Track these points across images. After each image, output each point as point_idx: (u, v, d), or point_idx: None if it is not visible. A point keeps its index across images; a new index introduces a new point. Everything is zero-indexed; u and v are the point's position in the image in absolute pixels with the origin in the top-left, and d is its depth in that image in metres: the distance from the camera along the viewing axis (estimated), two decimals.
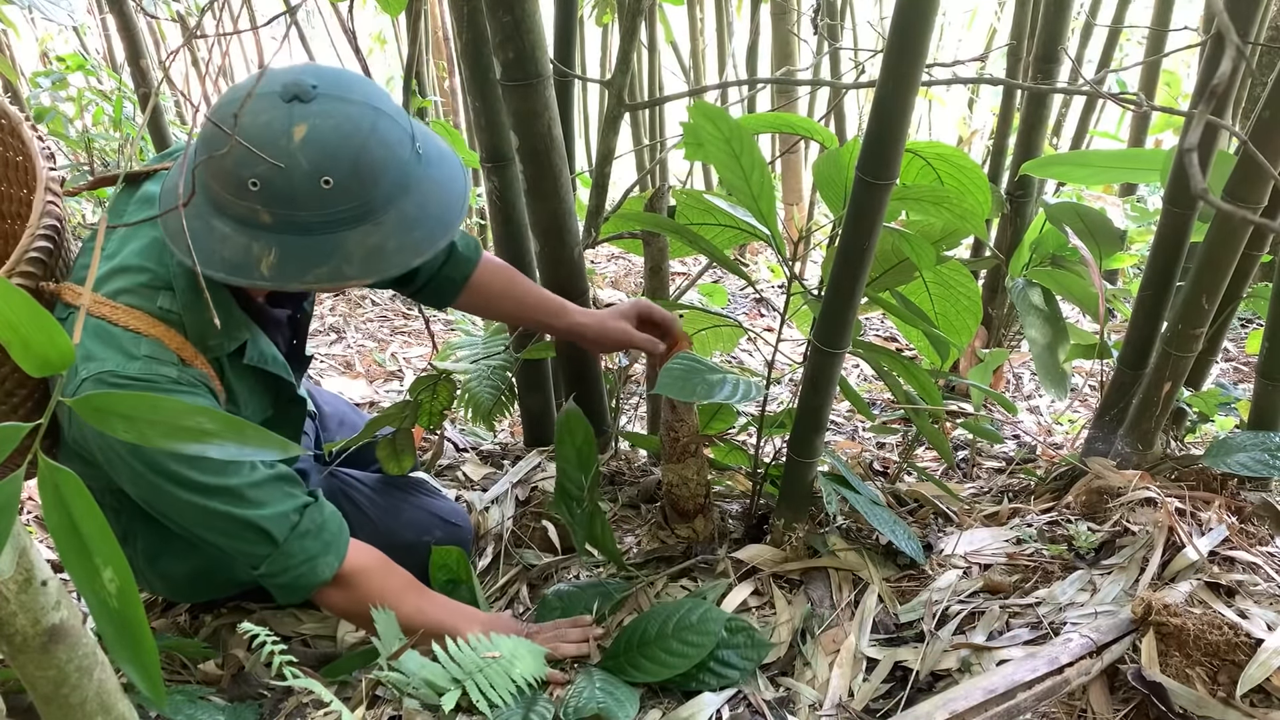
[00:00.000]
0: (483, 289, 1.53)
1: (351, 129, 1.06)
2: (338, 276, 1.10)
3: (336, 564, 1.22)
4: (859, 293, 1.27)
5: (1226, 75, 0.53)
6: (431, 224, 1.15)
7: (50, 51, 4.59)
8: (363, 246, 1.10)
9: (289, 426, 1.42)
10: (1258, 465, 1.35)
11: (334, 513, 1.26)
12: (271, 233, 1.08)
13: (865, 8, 4.59)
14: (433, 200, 1.15)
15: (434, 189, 1.15)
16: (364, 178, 1.07)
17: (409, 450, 1.67)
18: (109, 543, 0.68)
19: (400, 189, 1.11)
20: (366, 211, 1.09)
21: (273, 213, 1.07)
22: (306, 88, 1.05)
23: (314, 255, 1.09)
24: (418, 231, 1.13)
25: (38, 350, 0.63)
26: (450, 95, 4.28)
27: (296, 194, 1.05)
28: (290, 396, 1.38)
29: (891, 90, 1.09)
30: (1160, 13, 2.55)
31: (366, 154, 1.07)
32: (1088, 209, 1.89)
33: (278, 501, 1.19)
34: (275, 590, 1.23)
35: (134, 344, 1.13)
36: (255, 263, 1.08)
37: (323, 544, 1.21)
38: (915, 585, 1.37)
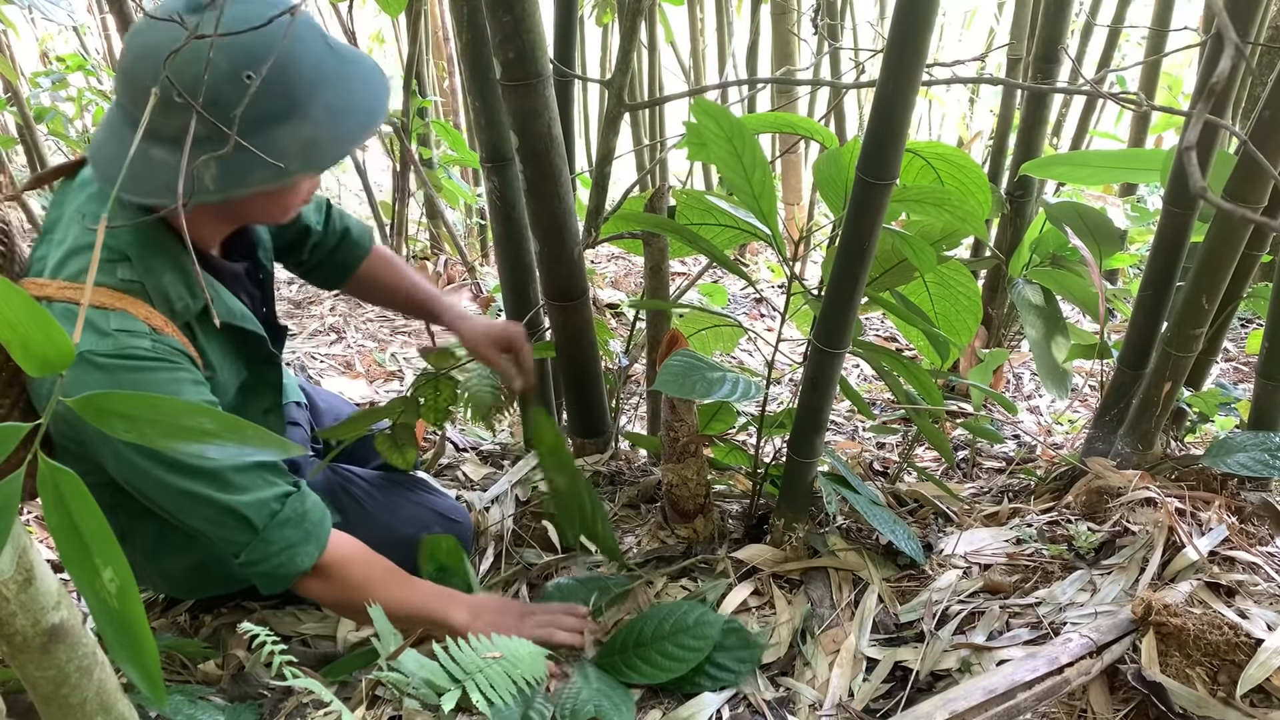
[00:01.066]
0: (371, 278, 1.64)
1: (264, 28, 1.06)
2: (280, 175, 1.11)
3: (316, 553, 1.22)
4: (859, 293, 1.27)
5: (1225, 73, 0.53)
6: (359, 114, 1.16)
7: (50, 51, 4.60)
8: (296, 140, 1.11)
9: (266, 388, 1.42)
10: (1258, 465, 1.35)
11: (316, 503, 1.25)
12: (206, 144, 1.08)
13: (865, 8, 4.59)
14: (356, 91, 1.16)
15: (355, 82, 1.17)
16: (284, 69, 1.08)
17: (410, 444, 1.67)
18: (109, 543, 0.68)
19: (321, 80, 1.12)
20: (293, 104, 1.10)
21: (203, 122, 1.06)
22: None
23: (251, 158, 1.07)
24: (347, 121, 1.15)
25: (37, 350, 0.63)
26: (450, 95, 4.28)
27: (221, 97, 1.06)
28: (264, 357, 1.38)
29: (892, 90, 1.09)
30: (1160, 13, 2.55)
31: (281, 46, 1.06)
32: (1088, 209, 1.89)
33: (259, 488, 1.18)
34: (256, 579, 1.22)
35: (103, 319, 1.12)
36: (197, 179, 1.09)
37: (303, 533, 1.21)
38: (915, 585, 1.37)
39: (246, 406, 1.40)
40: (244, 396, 1.39)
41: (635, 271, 4.12)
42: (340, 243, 1.58)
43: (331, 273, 1.60)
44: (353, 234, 1.59)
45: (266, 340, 1.37)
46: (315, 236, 1.56)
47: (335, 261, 1.59)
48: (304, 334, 3.34)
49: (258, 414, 1.43)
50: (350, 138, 1.16)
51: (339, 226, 1.58)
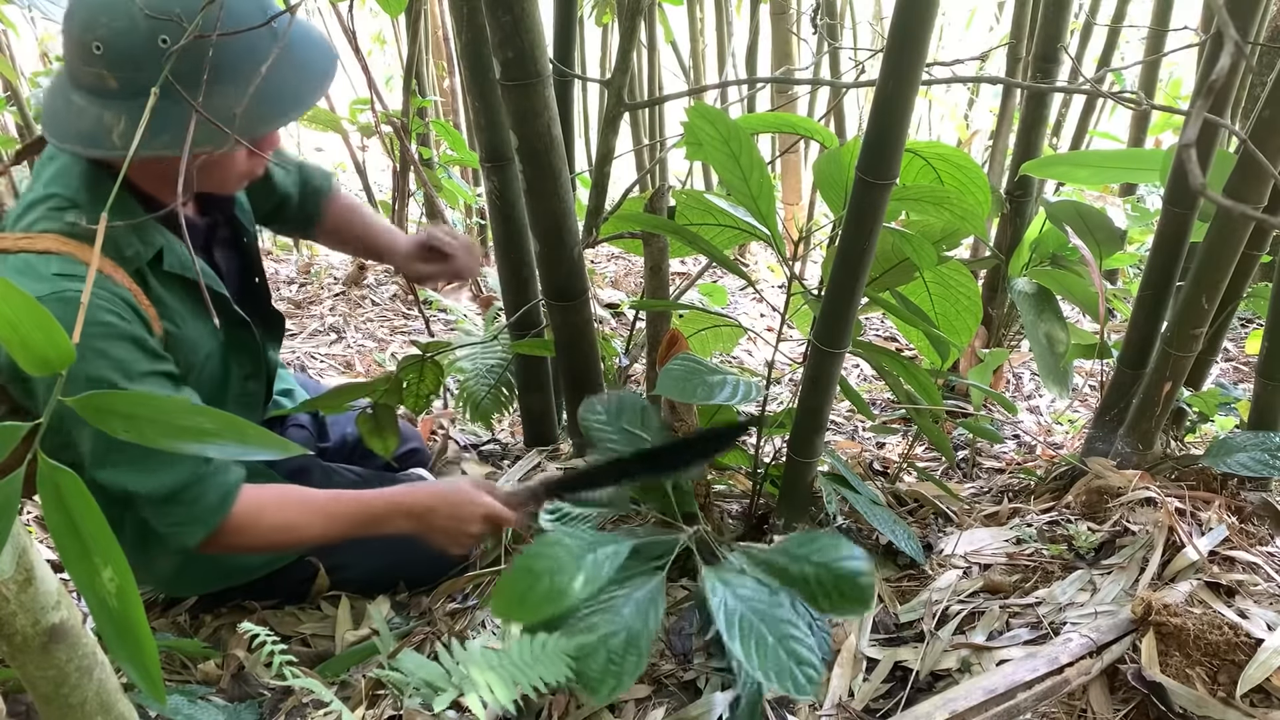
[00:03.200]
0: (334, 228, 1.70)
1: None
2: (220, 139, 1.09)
3: (202, 533, 1.22)
4: (859, 293, 1.27)
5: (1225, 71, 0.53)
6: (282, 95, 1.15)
7: (50, 52, 4.59)
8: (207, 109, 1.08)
9: (243, 352, 1.42)
10: (1258, 465, 1.35)
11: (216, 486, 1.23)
12: (119, 99, 1.08)
13: (865, 8, 4.59)
14: (288, 73, 1.14)
15: (288, 65, 1.14)
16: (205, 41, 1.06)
17: (392, 429, 1.67)
18: (109, 542, 0.68)
19: (247, 58, 1.11)
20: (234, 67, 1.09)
21: (118, 77, 1.07)
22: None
23: (160, 120, 1.05)
24: (265, 106, 1.13)
25: (37, 350, 0.63)
26: (450, 95, 4.28)
27: (137, 56, 1.06)
28: (234, 318, 1.37)
29: (892, 89, 1.09)
30: (1160, 13, 2.55)
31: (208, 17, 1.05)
32: (1088, 208, 1.89)
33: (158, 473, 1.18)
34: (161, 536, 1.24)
35: (44, 264, 1.13)
36: (107, 132, 1.09)
37: (191, 514, 1.21)
38: (915, 585, 1.37)
39: (228, 371, 1.40)
40: (223, 359, 1.38)
41: (635, 271, 4.12)
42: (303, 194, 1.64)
43: (299, 226, 1.69)
44: (313, 182, 1.65)
45: (228, 298, 1.35)
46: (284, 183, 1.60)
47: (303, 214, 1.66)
48: (304, 334, 3.34)
49: (240, 380, 1.43)
50: (267, 118, 1.14)
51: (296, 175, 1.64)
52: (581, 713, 1.18)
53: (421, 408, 1.80)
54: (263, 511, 1.27)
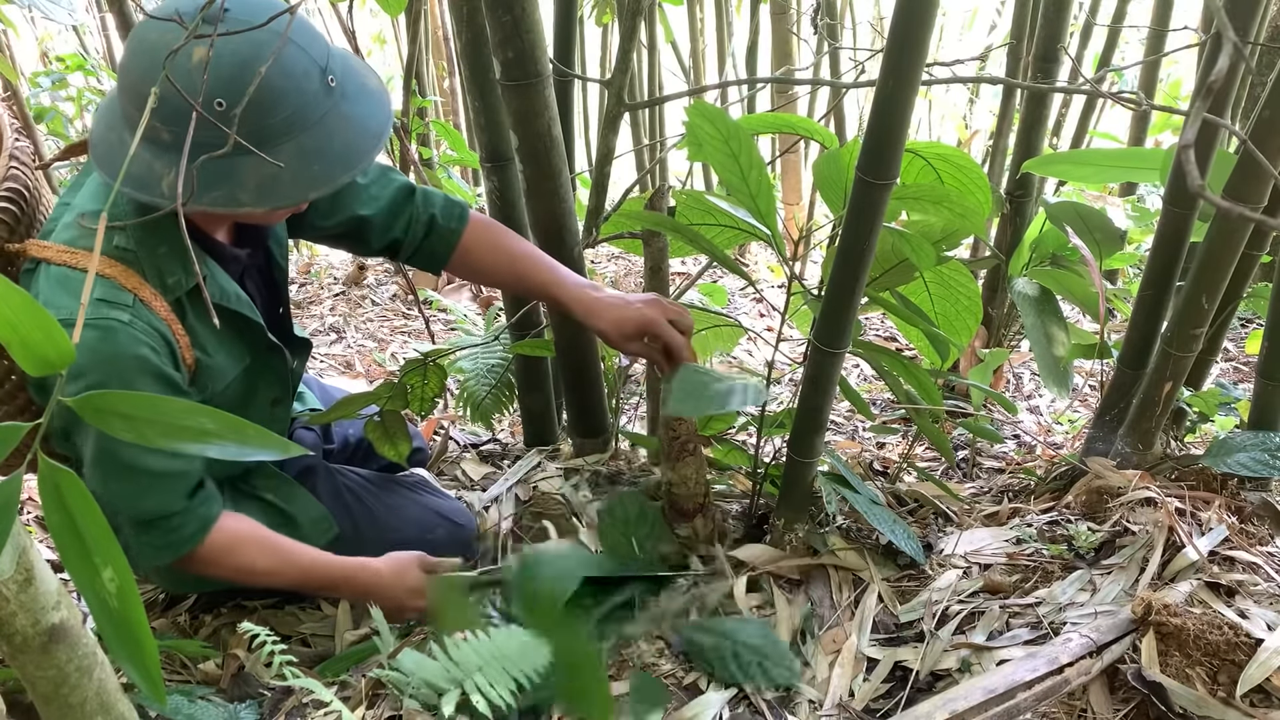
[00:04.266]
0: (467, 263, 1.52)
1: (252, 55, 1.06)
2: (232, 201, 1.11)
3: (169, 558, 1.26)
4: (859, 293, 1.27)
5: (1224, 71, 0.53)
6: (332, 160, 1.14)
7: (50, 51, 4.59)
8: (256, 174, 1.11)
9: (271, 375, 1.42)
10: (1258, 465, 1.35)
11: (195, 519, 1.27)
12: (171, 151, 1.10)
13: (865, 8, 4.59)
14: (339, 135, 1.14)
15: (342, 124, 1.15)
16: (259, 105, 1.07)
17: (402, 434, 1.67)
18: (109, 542, 0.68)
19: (300, 121, 1.11)
20: (261, 140, 1.09)
21: (171, 131, 1.08)
22: (216, 10, 1.05)
23: (209, 178, 1.09)
24: (317, 165, 1.13)
25: (37, 350, 0.63)
26: (450, 95, 4.28)
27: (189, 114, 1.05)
28: (267, 344, 1.38)
29: (892, 90, 1.09)
30: (1160, 13, 2.55)
31: (264, 83, 1.06)
32: (1088, 208, 1.89)
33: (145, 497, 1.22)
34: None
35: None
36: (156, 180, 1.10)
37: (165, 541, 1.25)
38: (915, 585, 1.37)
39: (255, 394, 1.41)
40: (249, 383, 1.38)
41: (635, 271, 4.12)
42: (428, 233, 1.48)
43: (426, 261, 1.52)
44: (439, 221, 1.48)
45: (264, 327, 1.36)
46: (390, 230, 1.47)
47: (426, 251, 1.50)
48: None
49: (264, 405, 1.44)
50: (316, 183, 1.14)
51: (423, 216, 1.48)
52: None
53: (427, 410, 1.80)
54: (232, 551, 1.31)
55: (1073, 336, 1.98)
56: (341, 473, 1.60)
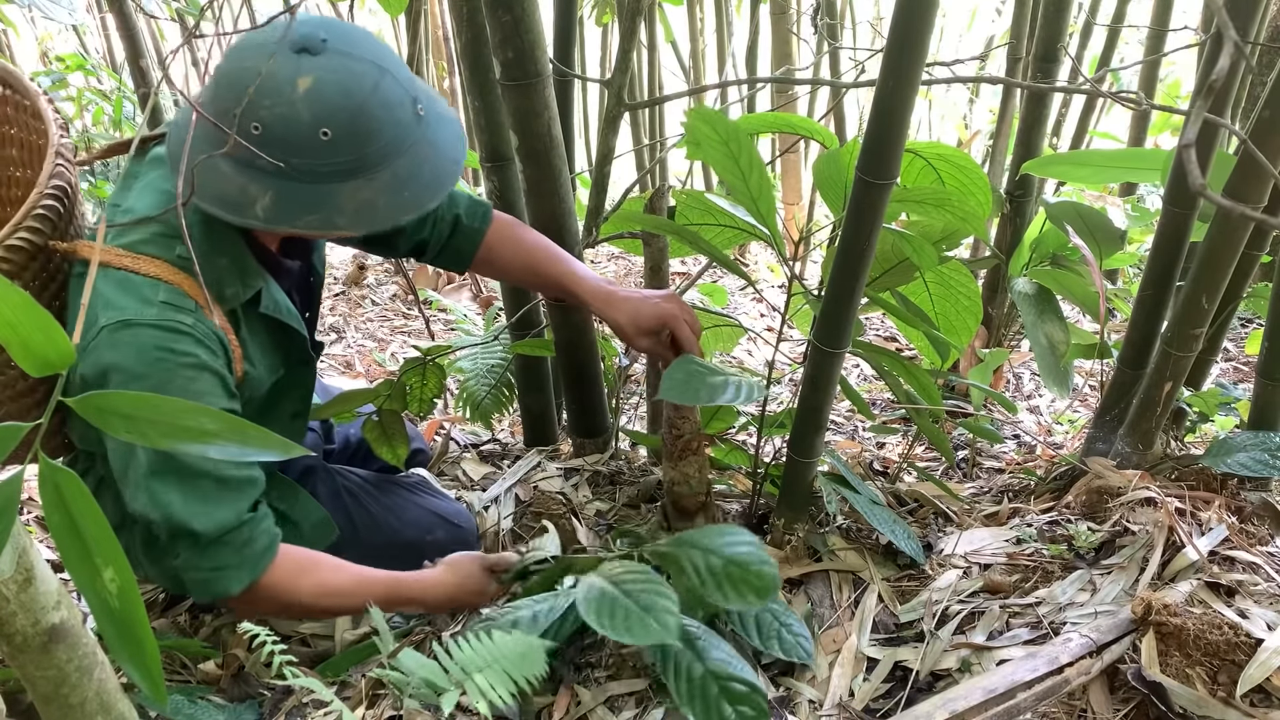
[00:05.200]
0: (491, 260, 1.53)
1: (355, 85, 1.09)
2: (328, 225, 1.14)
3: (247, 580, 1.20)
4: (859, 293, 1.27)
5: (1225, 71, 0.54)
6: (422, 186, 1.18)
7: (50, 51, 4.59)
8: (354, 200, 1.14)
9: (299, 389, 1.44)
10: (1258, 465, 1.35)
11: (267, 531, 1.22)
12: (269, 176, 1.11)
13: (865, 8, 4.59)
14: (428, 162, 1.18)
15: (430, 151, 1.18)
16: (361, 134, 1.10)
17: (400, 436, 1.67)
18: (110, 543, 0.68)
19: (396, 148, 1.14)
20: (360, 167, 1.12)
21: (271, 156, 1.10)
22: (316, 41, 1.09)
23: (307, 202, 1.12)
24: (408, 191, 1.16)
25: (37, 350, 0.63)
26: (450, 95, 4.28)
27: (295, 142, 1.09)
28: (302, 357, 1.39)
29: (892, 89, 1.09)
30: (1160, 13, 2.55)
31: (366, 111, 1.10)
32: (1088, 208, 1.89)
33: (217, 507, 1.17)
34: (187, 585, 1.22)
35: (153, 290, 1.15)
36: (250, 203, 1.12)
37: (240, 559, 1.19)
38: (915, 585, 1.37)
39: (276, 406, 1.41)
40: (275, 396, 1.39)
41: (635, 271, 4.12)
42: (453, 232, 1.50)
43: (451, 260, 1.53)
44: (463, 221, 1.50)
45: (308, 340, 1.39)
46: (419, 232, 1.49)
47: (452, 250, 1.52)
48: None
49: (285, 417, 1.44)
50: (406, 209, 1.17)
51: (448, 216, 1.50)
52: (579, 710, 1.18)
53: (426, 411, 1.80)
54: (308, 570, 1.27)
55: (1073, 336, 1.98)
56: (341, 473, 1.60)
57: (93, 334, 1.13)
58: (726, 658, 1.12)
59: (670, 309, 1.41)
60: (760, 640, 1.22)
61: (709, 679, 1.10)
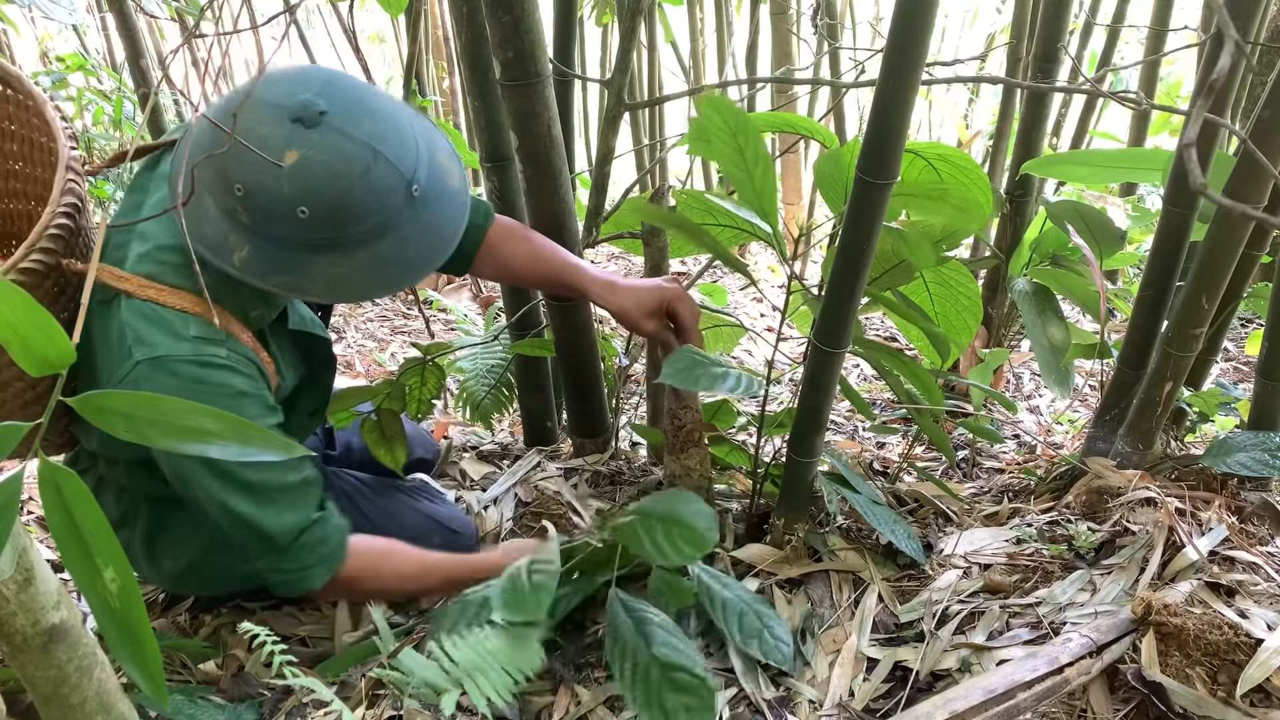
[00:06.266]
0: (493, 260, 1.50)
1: (342, 169, 1.07)
2: (298, 290, 1.14)
3: (327, 576, 1.27)
4: (859, 292, 1.27)
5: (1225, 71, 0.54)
6: (403, 265, 1.17)
7: (50, 51, 4.59)
8: (327, 273, 1.13)
9: (319, 387, 1.45)
10: (1258, 465, 1.35)
11: (338, 526, 1.28)
12: (246, 232, 1.11)
13: (865, 8, 4.59)
14: (413, 244, 1.16)
15: (418, 233, 1.16)
16: (340, 218, 1.09)
17: (399, 439, 1.67)
18: (110, 542, 0.68)
19: (379, 231, 1.12)
20: (336, 244, 1.11)
21: (251, 218, 1.09)
22: (314, 112, 1.06)
23: (279, 265, 1.12)
24: (384, 272, 1.15)
25: (37, 350, 0.63)
26: (450, 95, 4.28)
27: (272, 212, 1.08)
28: (323, 359, 1.41)
29: (891, 90, 1.09)
30: (1160, 13, 2.55)
31: (349, 197, 1.08)
32: (1088, 208, 1.89)
33: (288, 511, 1.22)
34: (270, 585, 1.28)
35: (183, 324, 1.15)
36: (230, 251, 1.12)
37: (319, 557, 1.25)
38: (915, 585, 1.37)
39: (297, 404, 1.43)
40: (297, 394, 1.41)
41: (635, 271, 4.12)
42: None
43: (454, 262, 1.48)
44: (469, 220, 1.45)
45: (330, 344, 1.41)
46: None
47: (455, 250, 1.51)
48: None
49: (304, 414, 1.46)
50: (380, 288, 1.17)
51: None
52: (579, 710, 1.18)
53: (424, 412, 1.79)
54: (386, 559, 1.34)
55: (1073, 336, 1.98)
56: (340, 476, 1.61)
57: (127, 367, 1.13)
58: (677, 646, 1.13)
59: (671, 288, 1.44)
60: (741, 639, 1.23)
61: (653, 665, 1.11)
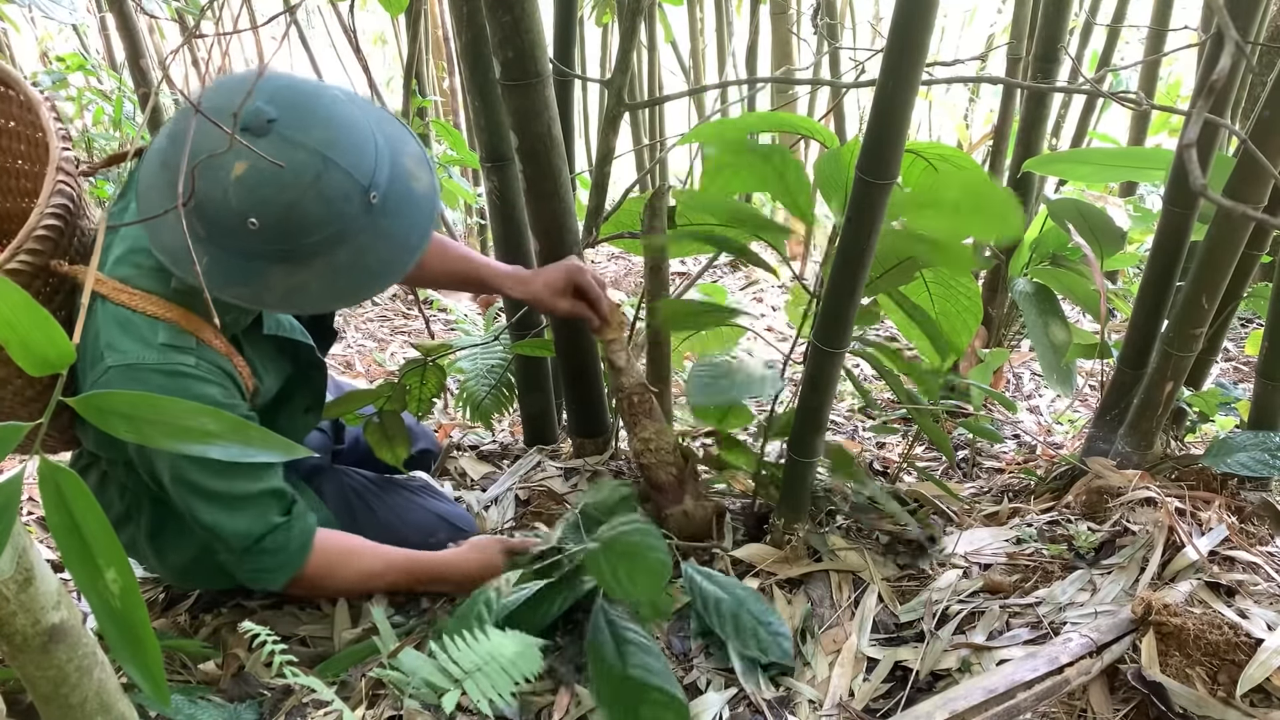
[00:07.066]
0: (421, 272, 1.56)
1: (290, 179, 1.04)
2: (257, 301, 1.13)
3: (285, 579, 1.29)
4: (859, 293, 1.27)
5: (1225, 71, 0.54)
6: (364, 275, 1.14)
7: (50, 51, 4.59)
8: (284, 283, 1.11)
9: (309, 388, 1.45)
10: (1258, 465, 1.35)
11: (301, 532, 1.28)
12: (203, 243, 1.09)
13: (865, 8, 4.59)
14: (372, 252, 1.13)
15: (378, 242, 1.13)
16: (291, 229, 1.07)
17: (401, 437, 1.67)
18: (111, 542, 0.68)
19: (335, 240, 1.10)
20: (290, 255, 1.10)
21: (205, 229, 1.08)
22: (262, 121, 1.03)
23: (236, 275, 1.10)
24: (344, 280, 1.13)
25: (37, 350, 0.63)
26: (450, 95, 4.28)
27: (223, 224, 1.06)
28: (310, 360, 1.41)
29: (891, 90, 1.09)
30: (1160, 13, 2.55)
31: (299, 208, 1.05)
32: (1089, 206, 1.89)
33: (246, 519, 1.23)
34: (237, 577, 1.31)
35: (152, 331, 1.15)
36: (189, 262, 1.10)
37: (277, 562, 1.27)
38: (915, 585, 1.37)
39: (289, 402, 1.43)
40: (288, 392, 1.41)
41: (635, 271, 4.12)
42: None
43: None
44: None
45: (314, 348, 1.40)
46: None
47: None
48: None
49: (298, 412, 1.46)
50: (341, 298, 1.16)
51: None
52: (579, 710, 1.18)
53: (425, 412, 1.79)
54: (349, 557, 1.36)
55: (1073, 336, 1.98)
56: (347, 474, 1.62)
57: (99, 372, 1.13)
58: (651, 666, 1.15)
59: (574, 265, 1.51)
60: (739, 641, 1.23)
61: (628, 683, 1.12)
